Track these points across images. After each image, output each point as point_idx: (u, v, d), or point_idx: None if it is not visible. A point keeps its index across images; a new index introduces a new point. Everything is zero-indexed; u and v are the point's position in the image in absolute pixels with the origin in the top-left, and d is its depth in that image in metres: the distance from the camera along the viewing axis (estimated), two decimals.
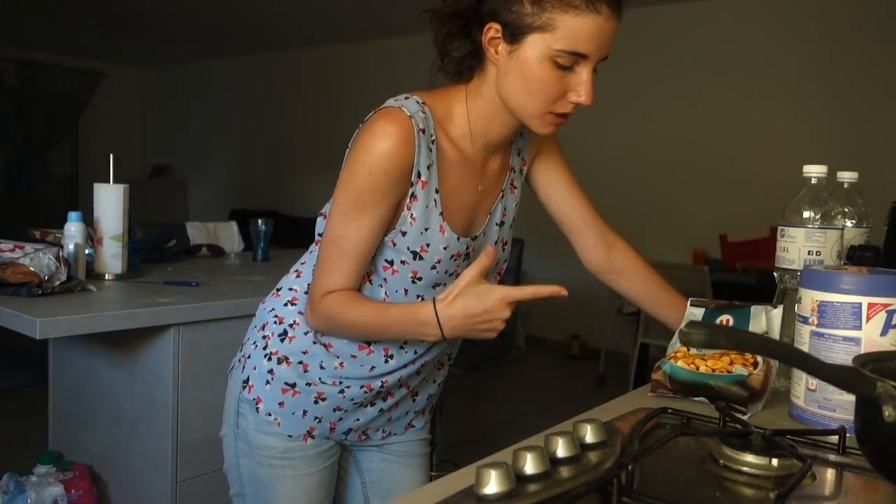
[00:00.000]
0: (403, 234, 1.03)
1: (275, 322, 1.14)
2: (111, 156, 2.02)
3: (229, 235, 2.98)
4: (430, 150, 1.01)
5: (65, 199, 7.94)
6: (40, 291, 1.65)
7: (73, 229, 1.91)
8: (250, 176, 8.07)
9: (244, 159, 8.15)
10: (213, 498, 1.78)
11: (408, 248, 1.04)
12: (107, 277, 1.94)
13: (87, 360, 1.95)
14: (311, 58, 7.37)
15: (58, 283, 1.70)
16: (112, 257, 1.94)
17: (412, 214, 1.03)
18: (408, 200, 1.02)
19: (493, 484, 0.60)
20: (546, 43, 0.93)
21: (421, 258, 1.05)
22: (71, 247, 1.86)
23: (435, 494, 0.66)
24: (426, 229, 1.04)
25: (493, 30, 0.97)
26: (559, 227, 1.28)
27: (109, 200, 1.93)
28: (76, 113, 8.21)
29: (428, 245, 1.05)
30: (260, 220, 2.69)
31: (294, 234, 5.66)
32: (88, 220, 1.97)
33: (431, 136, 1.02)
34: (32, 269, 1.66)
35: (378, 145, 0.97)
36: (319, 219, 1.15)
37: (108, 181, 1.97)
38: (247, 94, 8.03)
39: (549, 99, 0.97)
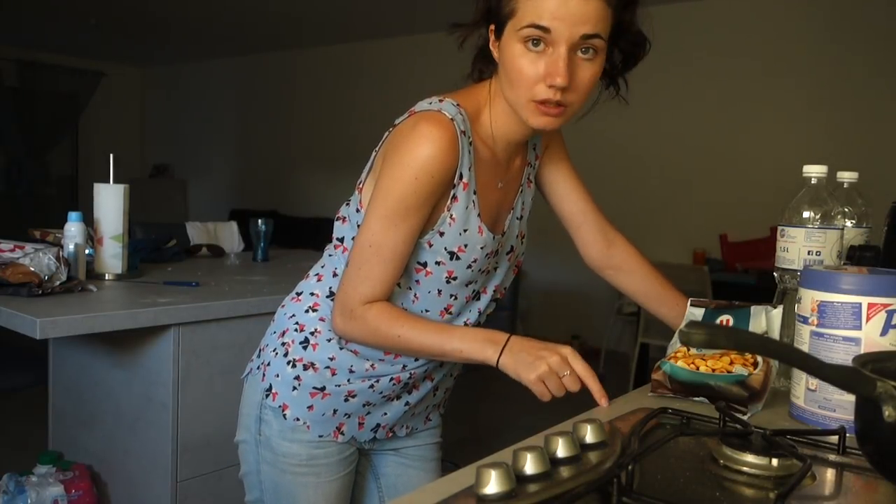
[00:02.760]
0: (441, 234, 1.03)
1: (295, 329, 1.13)
2: (111, 156, 2.02)
3: (229, 235, 2.98)
4: (469, 152, 1.02)
5: (65, 199, 7.94)
6: (40, 291, 1.65)
7: (73, 229, 1.91)
8: (250, 176, 8.07)
9: (244, 159, 8.14)
10: (213, 498, 1.78)
11: (445, 249, 1.04)
12: (107, 277, 1.94)
13: (87, 360, 1.95)
14: (311, 58, 7.37)
15: (58, 283, 1.70)
16: (112, 257, 1.94)
17: (452, 215, 1.03)
18: (448, 202, 1.02)
19: (493, 484, 0.60)
20: (514, 27, 0.94)
21: (458, 258, 1.05)
22: (71, 247, 1.86)
23: (435, 494, 0.65)
24: (465, 230, 1.04)
25: (490, 31, 1.00)
26: (561, 222, 1.29)
27: (109, 200, 1.93)
28: (76, 113, 8.20)
29: (466, 245, 1.05)
30: (260, 220, 2.69)
31: (294, 234, 5.66)
32: (88, 220, 1.97)
33: (470, 138, 1.02)
34: (32, 269, 1.66)
35: (424, 149, 0.97)
36: (337, 223, 1.14)
37: (108, 181, 1.97)
38: (246, 94, 8.03)
39: (528, 84, 0.95)
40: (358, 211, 1.09)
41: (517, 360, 0.98)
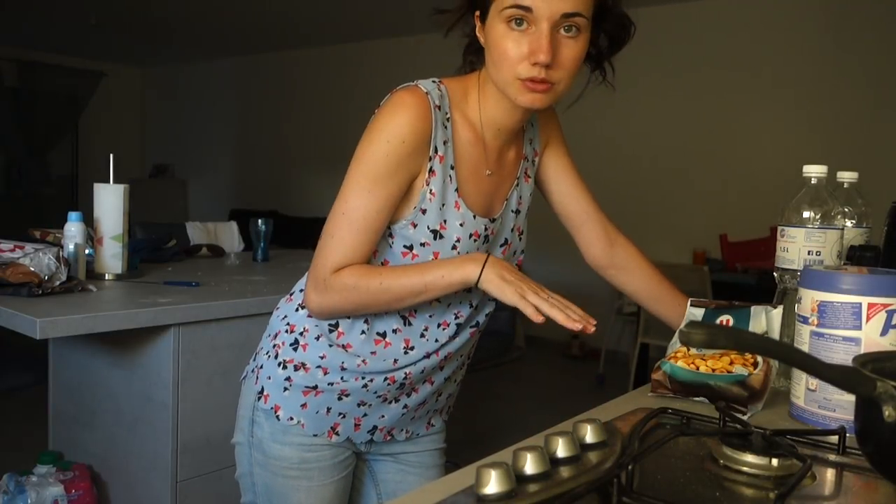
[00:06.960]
0: (423, 212, 1.03)
1: (286, 330, 1.13)
2: (111, 156, 2.02)
3: (229, 235, 2.98)
4: (446, 127, 1.03)
5: (65, 199, 7.94)
6: (40, 291, 1.65)
7: (73, 229, 1.91)
8: (250, 176, 8.07)
9: (244, 159, 8.15)
10: (213, 498, 1.78)
11: (427, 228, 1.04)
12: (107, 277, 1.94)
13: (87, 360, 1.95)
14: (311, 58, 7.37)
15: (58, 283, 1.70)
16: (112, 257, 1.94)
17: (431, 190, 1.03)
18: (426, 176, 1.02)
19: (493, 484, 0.60)
20: (497, 9, 0.96)
21: (441, 237, 1.04)
22: (71, 247, 1.86)
23: (435, 494, 0.66)
24: (443, 205, 1.04)
25: (475, 18, 1.02)
26: (562, 221, 1.28)
27: (109, 200, 1.93)
28: (76, 113, 8.20)
29: (446, 221, 1.04)
30: (260, 220, 2.69)
31: (294, 234, 5.66)
32: (88, 220, 1.97)
33: (447, 113, 1.03)
34: (32, 269, 1.66)
35: (396, 116, 0.98)
36: None
37: (108, 181, 1.97)
38: (246, 94, 8.03)
39: (512, 63, 0.96)
40: None
41: (501, 276, 0.96)
